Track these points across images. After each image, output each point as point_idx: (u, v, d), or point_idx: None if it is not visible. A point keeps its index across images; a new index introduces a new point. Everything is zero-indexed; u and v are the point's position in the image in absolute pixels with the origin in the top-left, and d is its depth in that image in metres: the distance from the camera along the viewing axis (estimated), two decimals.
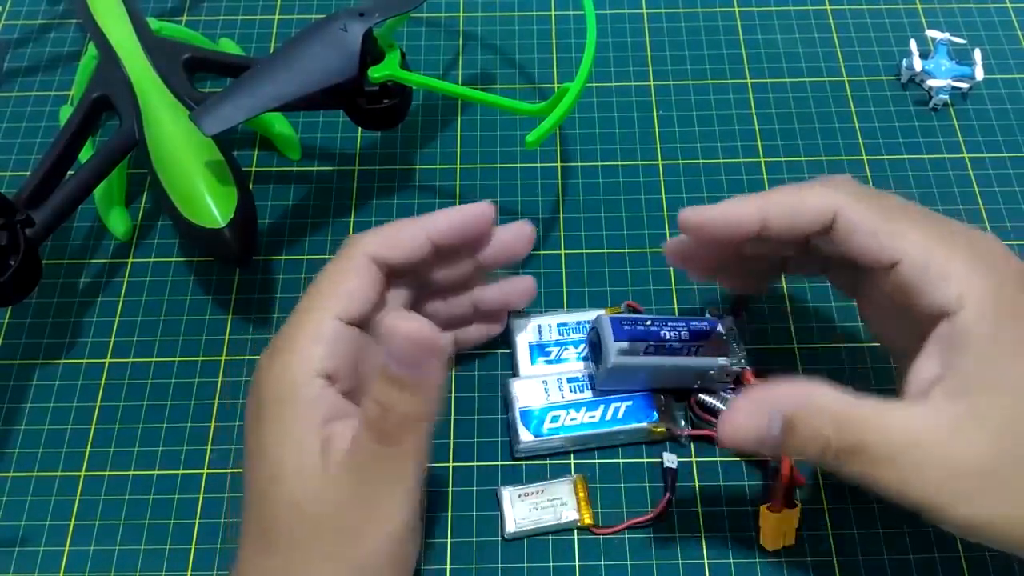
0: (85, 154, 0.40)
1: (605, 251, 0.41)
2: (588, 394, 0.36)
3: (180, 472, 0.36)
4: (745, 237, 0.31)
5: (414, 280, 0.34)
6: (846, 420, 0.27)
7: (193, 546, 0.35)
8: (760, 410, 0.28)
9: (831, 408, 0.27)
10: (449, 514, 0.35)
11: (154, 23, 0.43)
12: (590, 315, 0.38)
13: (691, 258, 0.34)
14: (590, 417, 0.36)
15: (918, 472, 0.26)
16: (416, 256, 0.32)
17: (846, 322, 0.39)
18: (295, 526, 0.28)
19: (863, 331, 0.39)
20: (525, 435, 0.35)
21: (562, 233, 0.42)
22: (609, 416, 0.36)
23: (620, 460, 0.36)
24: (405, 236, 0.32)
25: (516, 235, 0.35)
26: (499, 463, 0.36)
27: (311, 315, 0.30)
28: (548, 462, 0.36)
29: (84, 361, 0.39)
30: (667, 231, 0.42)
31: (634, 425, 0.35)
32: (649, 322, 0.35)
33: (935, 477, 0.26)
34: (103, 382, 0.38)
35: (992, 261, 0.28)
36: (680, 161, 0.44)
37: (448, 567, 0.34)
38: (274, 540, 0.28)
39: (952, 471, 0.26)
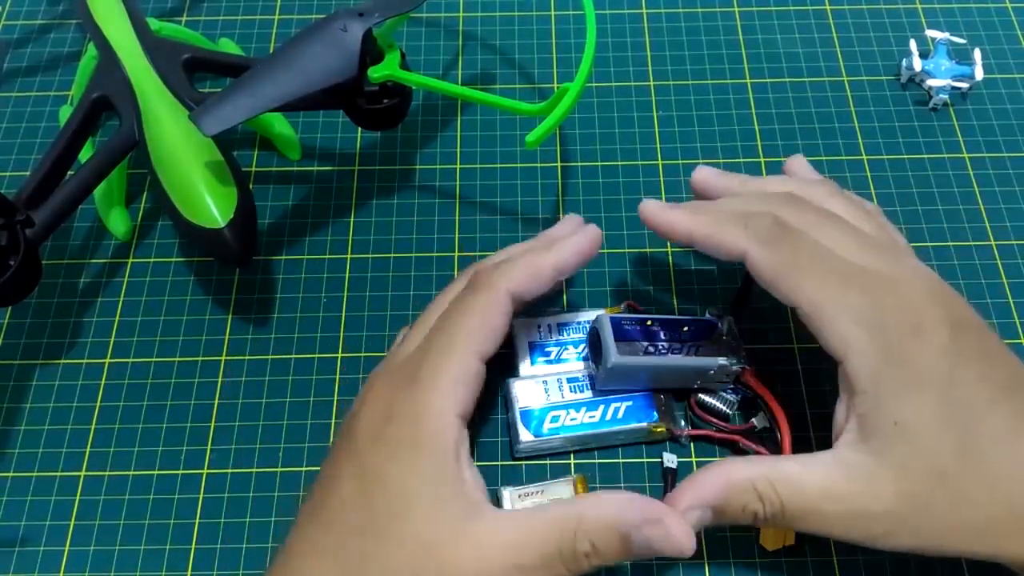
0: (85, 154, 0.40)
1: (605, 251, 0.41)
2: (588, 394, 0.36)
3: (180, 472, 0.36)
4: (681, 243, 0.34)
5: None
6: (764, 491, 0.29)
7: (193, 546, 0.35)
8: (690, 502, 0.29)
9: (750, 484, 0.29)
10: None
11: (154, 23, 0.43)
12: (590, 315, 0.38)
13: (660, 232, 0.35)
14: (590, 417, 0.36)
15: (836, 520, 0.29)
16: (544, 289, 0.33)
17: None
18: (409, 566, 0.27)
19: None
20: (525, 435, 0.35)
21: None
22: (609, 416, 0.36)
23: (620, 460, 0.36)
24: (543, 275, 0.32)
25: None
26: (499, 463, 0.36)
27: (454, 353, 0.30)
28: (548, 462, 0.36)
29: (84, 361, 0.39)
30: None
31: (634, 425, 0.35)
32: (649, 322, 0.35)
33: (851, 523, 0.29)
34: (103, 382, 0.38)
35: (882, 306, 0.30)
36: (680, 161, 0.44)
37: None
38: (377, 571, 0.27)
39: (862, 516, 0.28)
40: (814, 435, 0.37)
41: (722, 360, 0.35)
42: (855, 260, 0.31)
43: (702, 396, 0.36)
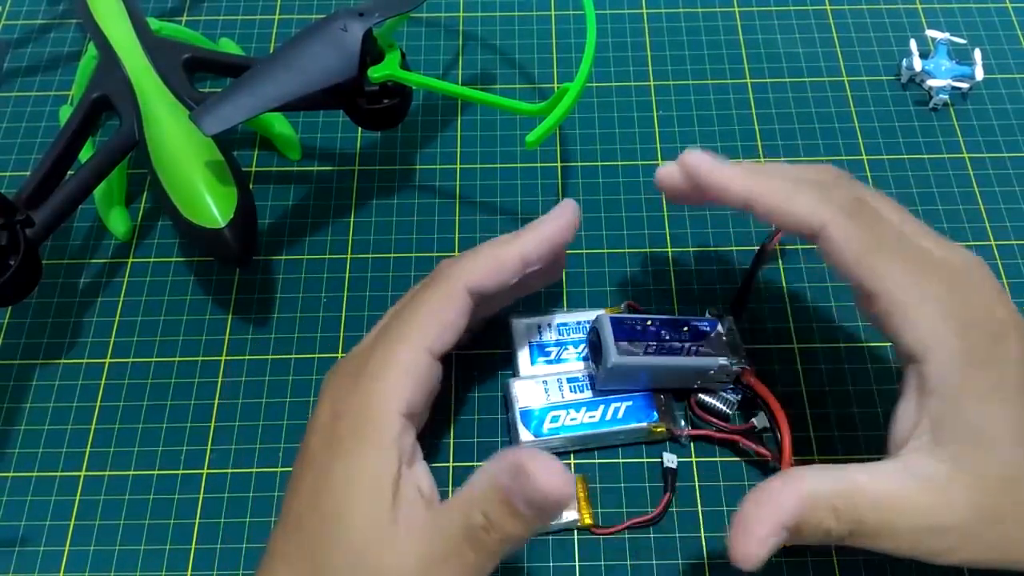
0: (85, 154, 0.40)
1: (605, 251, 0.41)
2: (588, 394, 0.36)
3: (180, 472, 0.36)
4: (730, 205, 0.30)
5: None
6: (842, 506, 0.27)
7: (193, 546, 0.35)
8: (770, 528, 0.27)
9: (827, 499, 0.27)
10: None
11: (154, 23, 0.43)
12: (590, 315, 0.38)
13: (680, 196, 0.32)
14: (590, 417, 0.36)
15: (907, 535, 0.27)
16: (510, 281, 0.31)
17: (846, 322, 0.39)
18: (348, 569, 0.27)
19: (863, 331, 0.39)
20: (525, 435, 0.35)
21: None
22: (609, 416, 0.36)
23: (620, 460, 0.36)
24: (506, 267, 0.31)
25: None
26: None
27: (403, 345, 0.29)
28: None
29: (84, 361, 0.39)
30: (667, 231, 0.42)
31: (634, 425, 0.35)
32: (649, 322, 0.35)
33: (921, 538, 0.27)
34: (103, 382, 0.38)
35: (968, 303, 0.28)
36: None
37: None
38: (320, 573, 0.27)
39: (934, 531, 0.27)
40: (814, 435, 0.37)
41: (722, 360, 0.35)
42: (933, 249, 0.29)
43: (702, 396, 0.36)
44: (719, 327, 0.36)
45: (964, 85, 0.45)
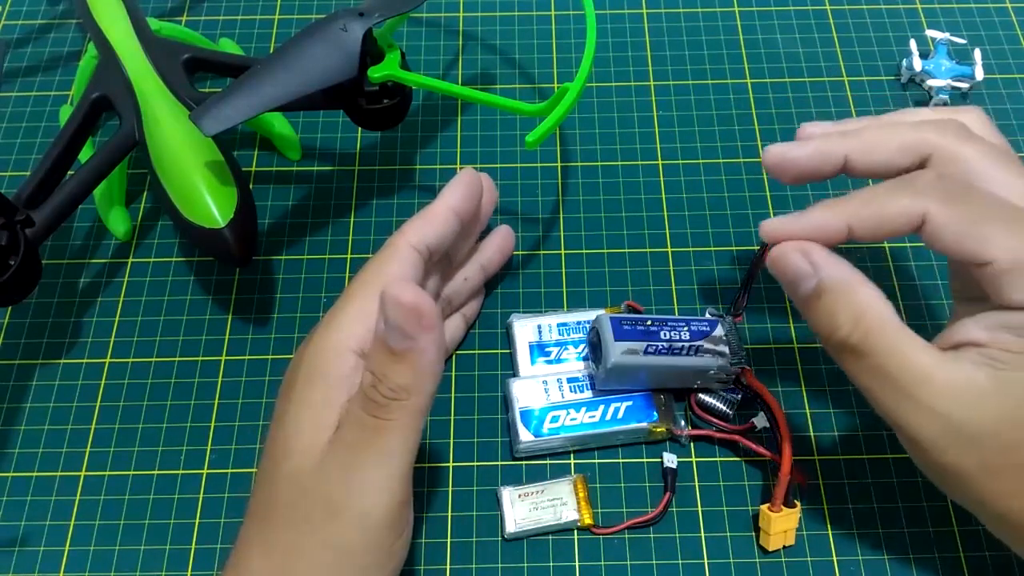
0: (85, 154, 0.41)
1: (605, 251, 0.41)
2: (588, 394, 0.36)
3: (180, 472, 0.36)
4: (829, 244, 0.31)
5: (443, 265, 0.36)
6: (869, 322, 0.28)
7: (193, 546, 0.35)
8: (805, 255, 0.29)
9: (863, 301, 0.28)
10: (449, 514, 0.35)
11: (154, 23, 0.43)
12: (590, 315, 0.38)
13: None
14: (590, 417, 0.36)
15: (920, 407, 0.27)
16: (448, 231, 0.34)
17: None
18: (293, 500, 0.28)
19: None
20: (525, 435, 0.35)
21: (562, 233, 0.42)
22: (609, 416, 0.36)
23: (620, 460, 0.36)
24: (436, 214, 0.34)
25: (503, 235, 0.40)
26: (499, 463, 0.36)
27: (353, 298, 0.31)
28: (548, 462, 0.36)
29: (84, 361, 0.39)
30: (667, 231, 0.42)
31: (634, 425, 0.35)
32: (649, 322, 0.35)
33: (935, 419, 0.27)
34: (103, 382, 0.38)
35: None
36: (680, 161, 0.44)
37: (448, 567, 0.34)
38: (273, 514, 0.28)
39: (953, 422, 0.27)
40: (814, 435, 0.37)
41: (722, 360, 0.35)
42: None
43: (702, 396, 0.36)
44: (719, 327, 0.36)
45: (964, 85, 0.45)
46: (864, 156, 0.31)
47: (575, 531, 0.35)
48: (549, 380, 0.36)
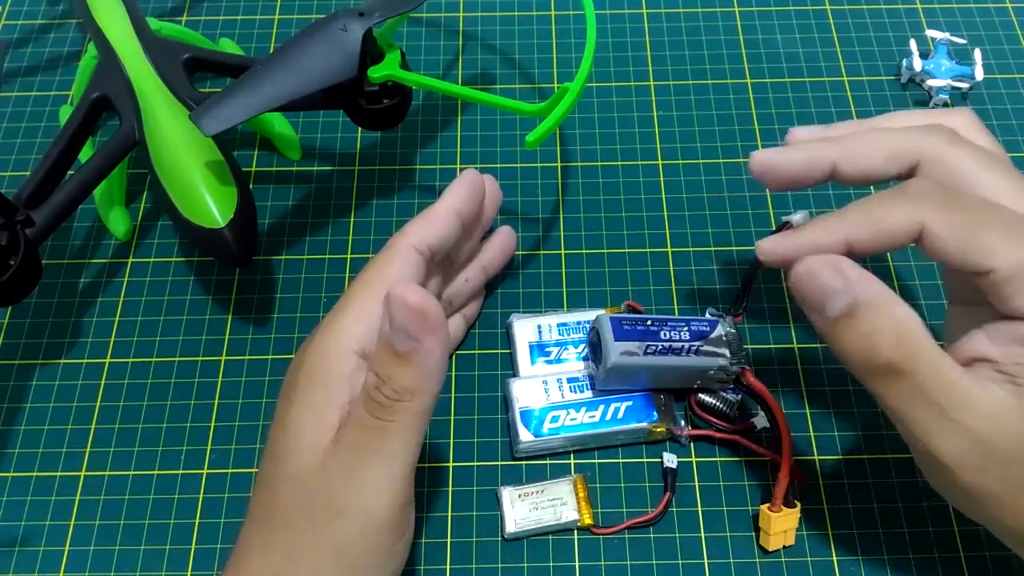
0: (85, 154, 0.40)
1: (605, 251, 0.41)
2: (588, 394, 0.36)
3: (180, 472, 0.36)
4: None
5: (445, 266, 0.36)
6: (912, 342, 0.27)
7: (193, 546, 0.35)
8: (837, 270, 0.28)
9: (903, 320, 0.27)
10: (449, 514, 0.35)
11: (154, 23, 0.43)
12: (590, 315, 0.38)
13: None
14: (590, 417, 0.36)
15: (957, 430, 0.27)
16: (450, 233, 0.34)
17: None
18: (294, 501, 0.28)
19: None
20: (525, 435, 0.35)
21: (562, 233, 0.42)
22: (609, 416, 0.36)
23: (620, 460, 0.36)
24: (438, 215, 0.34)
25: (505, 236, 0.39)
26: (499, 463, 0.36)
27: (354, 298, 0.31)
28: (548, 462, 0.36)
29: (84, 361, 0.39)
30: (667, 231, 0.42)
31: (634, 425, 0.35)
32: (649, 322, 0.35)
33: (971, 442, 0.27)
34: (103, 382, 0.38)
35: None
36: (680, 161, 0.44)
37: (448, 567, 0.34)
38: (274, 515, 0.28)
39: (987, 442, 0.27)
40: (814, 435, 0.37)
41: (722, 360, 0.35)
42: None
43: (702, 396, 0.36)
44: (719, 327, 0.36)
45: (964, 85, 0.45)
46: (852, 163, 0.31)
47: (575, 531, 0.35)
48: (549, 380, 0.36)
